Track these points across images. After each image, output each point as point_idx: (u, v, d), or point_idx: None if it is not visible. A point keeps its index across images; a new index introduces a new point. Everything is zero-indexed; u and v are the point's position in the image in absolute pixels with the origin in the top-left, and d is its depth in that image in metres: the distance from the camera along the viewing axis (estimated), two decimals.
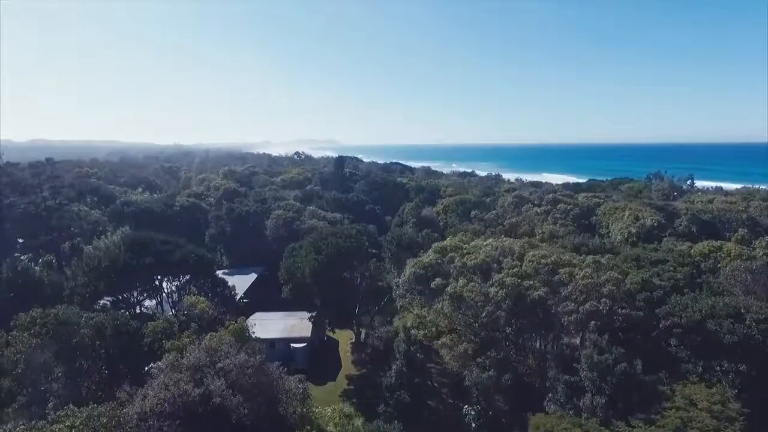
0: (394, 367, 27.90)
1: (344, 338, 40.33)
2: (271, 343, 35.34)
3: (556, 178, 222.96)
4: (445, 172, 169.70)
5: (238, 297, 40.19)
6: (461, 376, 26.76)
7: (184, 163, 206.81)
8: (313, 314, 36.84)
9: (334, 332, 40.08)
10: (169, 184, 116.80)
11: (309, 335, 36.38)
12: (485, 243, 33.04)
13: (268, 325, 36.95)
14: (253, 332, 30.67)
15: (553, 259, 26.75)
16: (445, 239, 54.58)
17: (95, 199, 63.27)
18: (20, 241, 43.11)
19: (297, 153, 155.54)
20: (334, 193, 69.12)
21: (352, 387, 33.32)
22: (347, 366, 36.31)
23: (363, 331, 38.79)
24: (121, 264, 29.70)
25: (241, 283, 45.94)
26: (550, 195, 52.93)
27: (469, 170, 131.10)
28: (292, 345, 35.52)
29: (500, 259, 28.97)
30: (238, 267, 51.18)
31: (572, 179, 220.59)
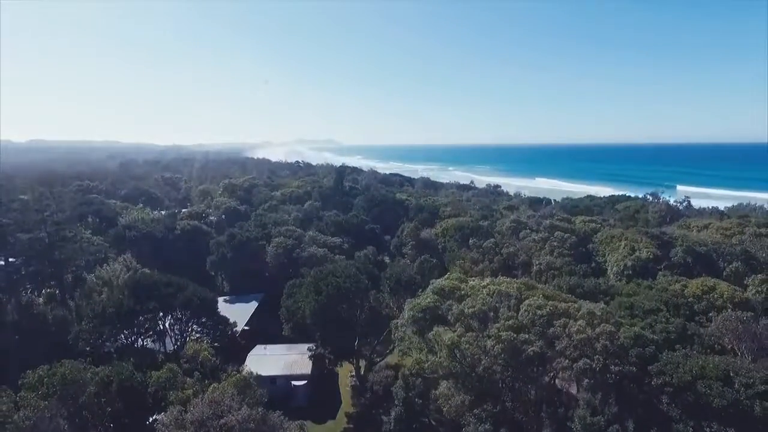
0: (393, 413, 28.54)
1: (344, 371, 40.91)
2: (272, 379, 36.06)
3: (551, 183, 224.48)
4: (443, 181, 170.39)
5: (239, 330, 40.76)
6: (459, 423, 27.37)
7: (184, 170, 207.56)
8: (314, 349, 37.37)
9: (334, 368, 40.62)
10: (170, 196, 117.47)
11: (309, 372, 36.98)
12: (483, 284, 33.64)
13: (269, 361, 37.58)
14: (255, 374, 31.57)
15: (548, 309, 27.31)
16: (444, 265, 55.32)
17: (97, 219, 63.70)
18: (23, 271, 43.54)
19: (298, 162, 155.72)
20: (334, 212, 69.65)
21: (351, 426, 33.93)
22: (347, 402, 36.89)
23: (363, 364, 39.38)
24: (125, 310, 30.28)
25: (242, 312, 46.60)
26: (548, 221, 53.50)
27: (468, 181, 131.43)
28: (293, 382, 36.14)
29: (497, 306, 29.56)
30: (238, 293, 51.79)
31: (566, 185, 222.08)
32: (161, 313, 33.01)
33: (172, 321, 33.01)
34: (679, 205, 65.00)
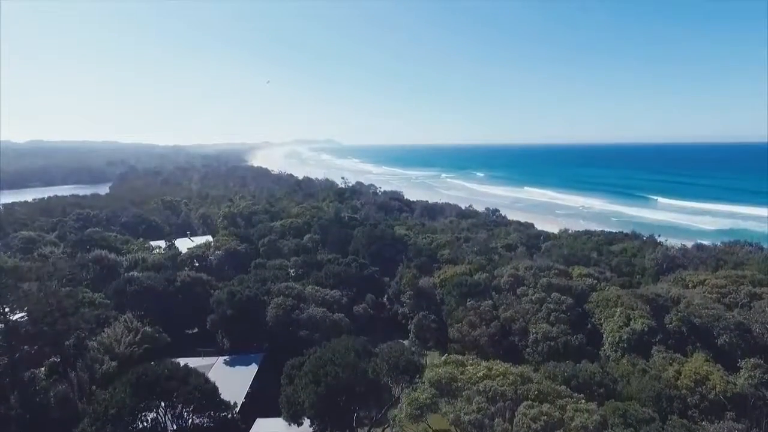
0: None
1: None
2: None
3: (543, 195, 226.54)
4: (440, 199, 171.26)
5: (239, 405, 41.27)
6: None
7: (184, 182, 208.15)
8: (313, 429, 38.01)
9: None
10: (170, 221, 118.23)
11: None
12: (479, 375, 34.24)
13: None
14: None
15: (542, 423, 27.94)
16: (443, 319, 55.76)
17: (97, 268, 64.18)
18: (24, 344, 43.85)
19: (298, 184, 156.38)
20: (333, 256, 70.30)
21: None
22: None
23: None
24: (128, 410, 30.83)
25: (242, 377, 47.16)
26: (545, 279, 54.01)
27: (467, 204, 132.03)
28: None
29: (490, 409, 30.19)
30: (239, 351, 52.34)
31: (555, 196, 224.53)
32: (162, 405, 33.53)
33: (172, 416, 33.53)
34: (674, 253, 65.52)
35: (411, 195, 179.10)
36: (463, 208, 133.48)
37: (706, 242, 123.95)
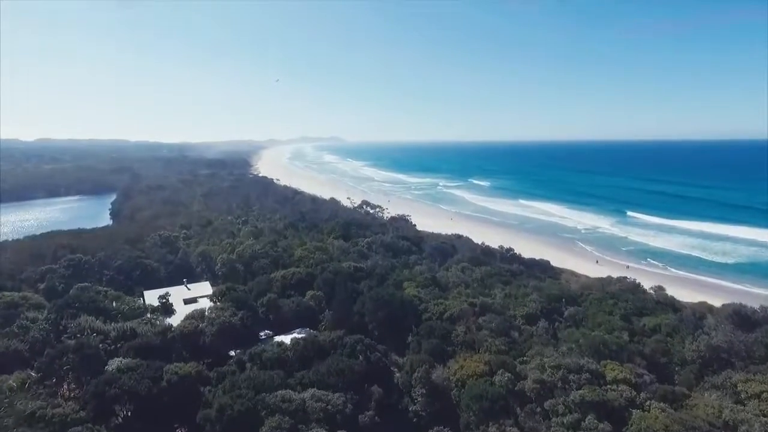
0: None
1: None
2: None
3: (537, 210, 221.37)
4: (451, 219, 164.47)
5: None
6: None
7: (186, 199, 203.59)
8: None
9: None
10: (166, 260, 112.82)
11: None
12: None
13: None
14: None
15: None
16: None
17: (77, 359, 58.40)
18: None
19: (302, 214, 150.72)
20: (336, 336, 64.33)
21: None
22: None
23: None
24: None
25: None
26: (577, 394, 47.42)
27: (480, 241, 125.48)
28: None
29: None
30: None
31: (558, 210, 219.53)
32: None
33: None
34: (719, 342, 58.54)
35: (417, 217, 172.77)
36: (476, 242, 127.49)
37: (729, 284, 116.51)
